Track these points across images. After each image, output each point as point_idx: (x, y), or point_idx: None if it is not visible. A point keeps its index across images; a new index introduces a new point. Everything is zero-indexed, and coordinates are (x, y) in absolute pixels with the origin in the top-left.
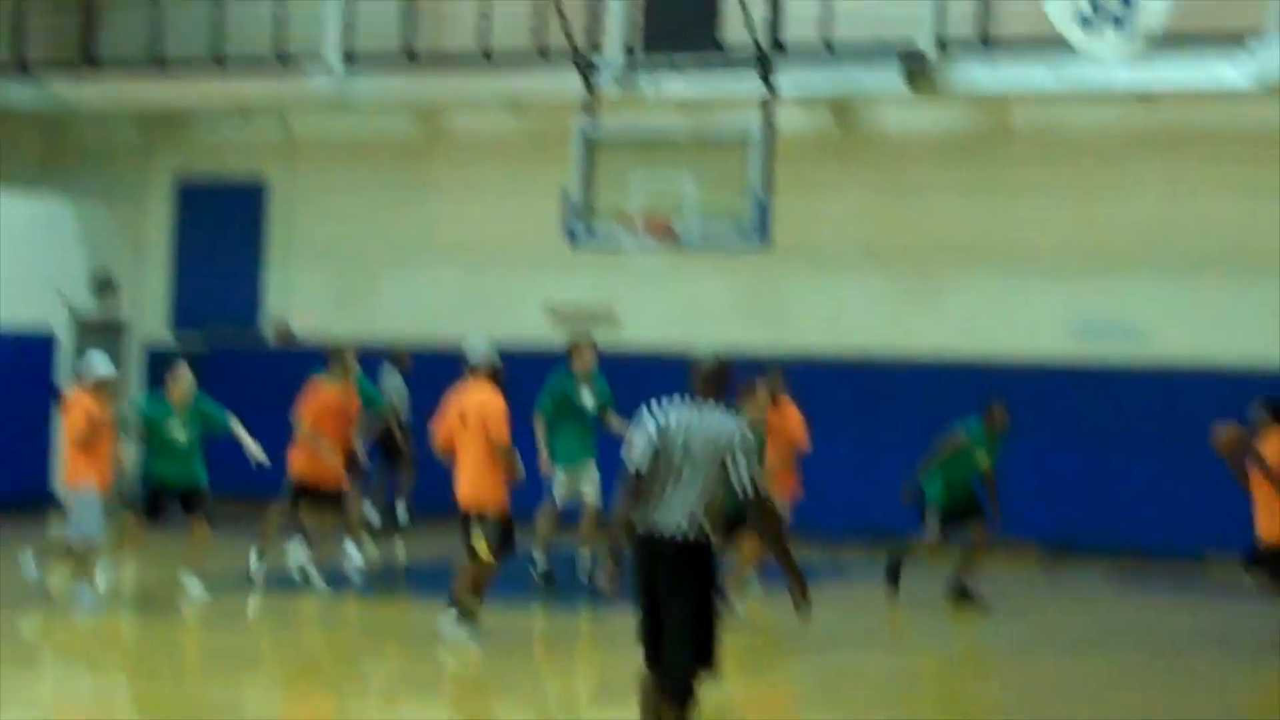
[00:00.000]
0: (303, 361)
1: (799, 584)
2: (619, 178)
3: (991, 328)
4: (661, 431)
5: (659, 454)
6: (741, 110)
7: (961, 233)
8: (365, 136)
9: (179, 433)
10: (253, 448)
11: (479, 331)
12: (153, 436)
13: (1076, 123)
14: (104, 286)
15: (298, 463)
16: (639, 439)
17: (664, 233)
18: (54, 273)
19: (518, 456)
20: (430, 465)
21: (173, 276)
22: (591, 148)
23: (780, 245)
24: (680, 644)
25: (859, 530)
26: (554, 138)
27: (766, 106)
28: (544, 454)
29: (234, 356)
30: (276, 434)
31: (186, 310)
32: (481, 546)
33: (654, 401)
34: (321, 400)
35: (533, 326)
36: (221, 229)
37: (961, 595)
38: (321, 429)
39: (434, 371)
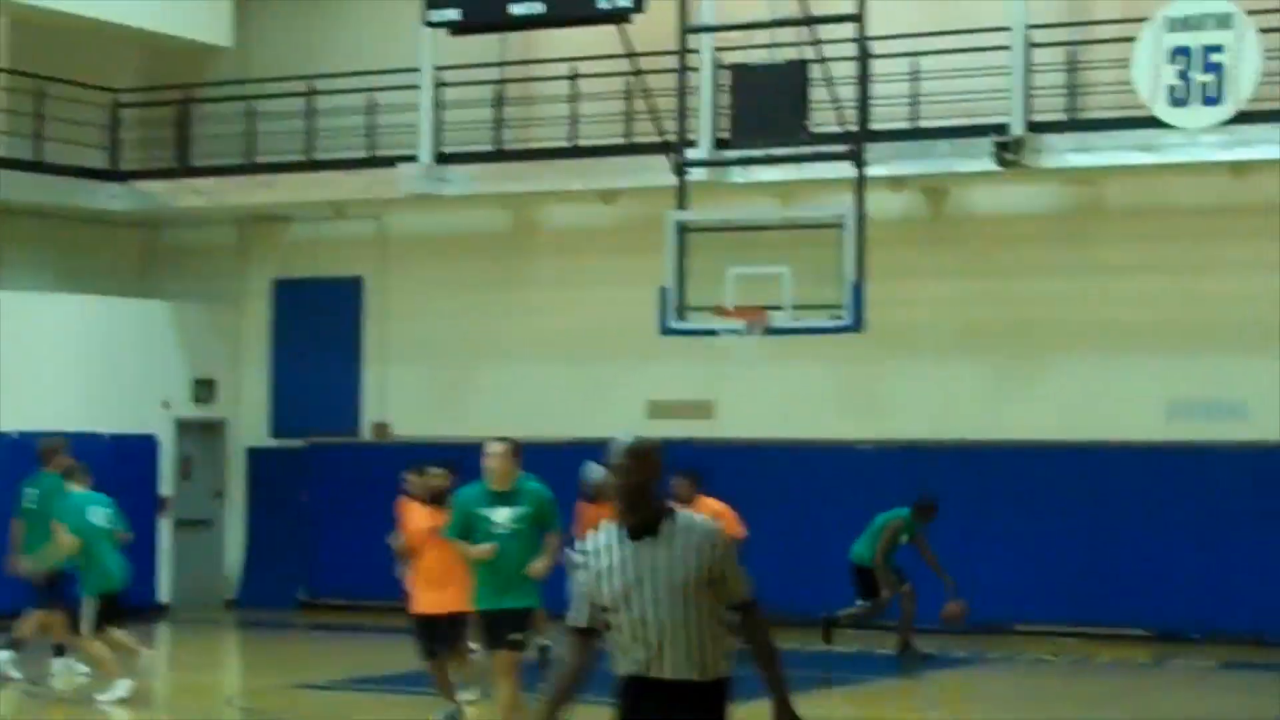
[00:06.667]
0: (400, 457)
1: (787, 708)
2: (712, 265)
3: (1089, 409)
4: (598, 561)
5: (612, 591)
6: (832, 195)
7: (1056, 312)
8: (458, 231)
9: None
10: None
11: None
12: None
13: (1169, 197)
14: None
15: None
16: (577, 588)
17: (759, 319)
18: (154, 376)
19: None
20: None
21: (271, 375)
22: (684, 236)
23: (874, 330)
24: None
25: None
26: (647, 227)
27: (857, 191)
28: None
29: (333, 453)
30: (374, 526)
31: (286, 408)
32: None
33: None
34: None
35: (631, 419)
36: (318, 327)
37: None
38: None
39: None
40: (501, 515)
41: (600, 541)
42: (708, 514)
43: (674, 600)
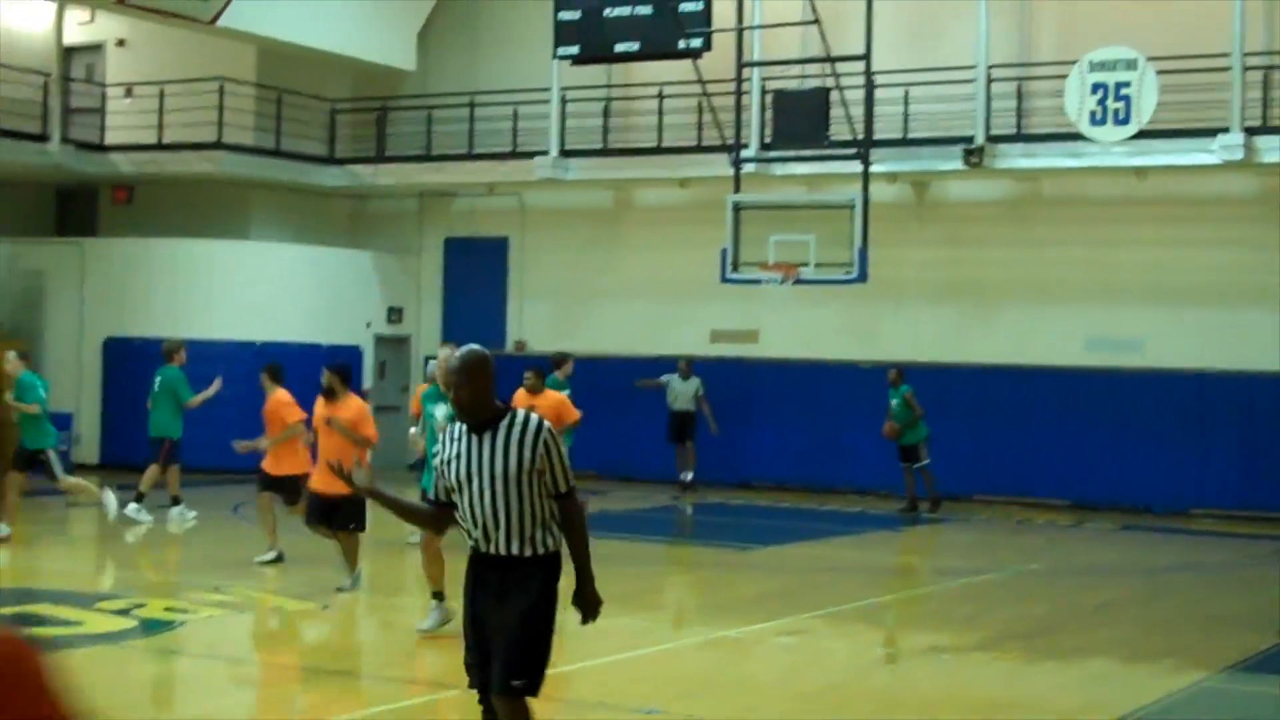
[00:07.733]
0: (532, 365)
1: (588, 587)
2: (758, 233)
3: (1028, 342)
4: (446, 449)
5: (454, 477)
6: (845, 185)
7: (1005, 274)
8: (576, 206)
9: None
10: None
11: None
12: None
13: (1089, 192)
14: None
15: None
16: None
17: (791, 273)
18: (359, 304)
19: None
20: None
21: (443, 305)
22: (738, 213)
23: (874, 282)
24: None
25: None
26: (711, 205)
27: (863, 182)
28: None
29: None
30: None
31: (452, 330)
32: None
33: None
34: None
35: (698, 343)
36: (476, 272)
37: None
38: None
39: (626, 372)
40: (440, 412)
41: (452, 433)
42: (550, 402)
43: (503, 488)
